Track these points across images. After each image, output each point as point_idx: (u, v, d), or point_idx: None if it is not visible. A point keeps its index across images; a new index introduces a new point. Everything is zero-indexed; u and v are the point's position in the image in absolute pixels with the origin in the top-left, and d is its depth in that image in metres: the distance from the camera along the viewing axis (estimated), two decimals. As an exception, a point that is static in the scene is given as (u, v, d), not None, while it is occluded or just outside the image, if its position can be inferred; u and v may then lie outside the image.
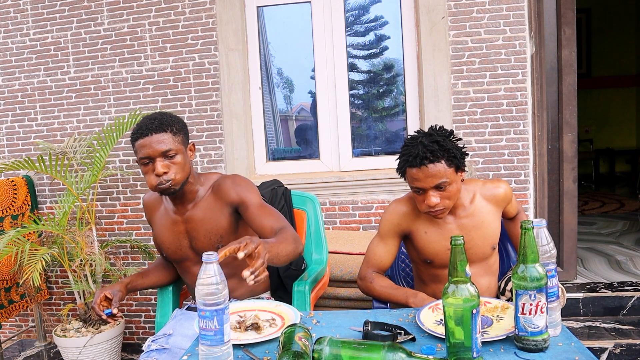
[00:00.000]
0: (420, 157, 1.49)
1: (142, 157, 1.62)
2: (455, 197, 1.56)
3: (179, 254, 1.76)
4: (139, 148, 1.62)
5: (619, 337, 2.55)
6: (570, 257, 2.98)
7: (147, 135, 1.61)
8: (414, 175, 1.52)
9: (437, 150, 1.49)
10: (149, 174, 1.63)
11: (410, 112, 2.91)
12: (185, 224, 1.74)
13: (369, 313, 1.46)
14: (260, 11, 3.03)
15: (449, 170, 1.50)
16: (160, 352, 1.65)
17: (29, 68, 3.11)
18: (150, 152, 1.60)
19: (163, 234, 1.77)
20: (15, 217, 2.92)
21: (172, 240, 1.76)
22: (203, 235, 1.71)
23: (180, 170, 1.63)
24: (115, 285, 1.71)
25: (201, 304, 1.11)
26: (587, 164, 6.60)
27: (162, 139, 1.61)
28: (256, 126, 3.02)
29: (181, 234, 1.75)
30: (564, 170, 2.94)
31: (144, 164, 1.63)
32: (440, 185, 1.50)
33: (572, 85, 2.89)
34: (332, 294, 2.52)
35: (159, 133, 1.61)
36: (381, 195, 2.86)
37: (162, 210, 1.79)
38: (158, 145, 1.60)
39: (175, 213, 1.75)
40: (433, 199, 1.52)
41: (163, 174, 1.60)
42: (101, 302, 1.65)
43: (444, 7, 2.71)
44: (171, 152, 1.62)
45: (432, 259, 1.64)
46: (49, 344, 3.11)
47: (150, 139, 1.60)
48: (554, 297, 1.23)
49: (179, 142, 1.65)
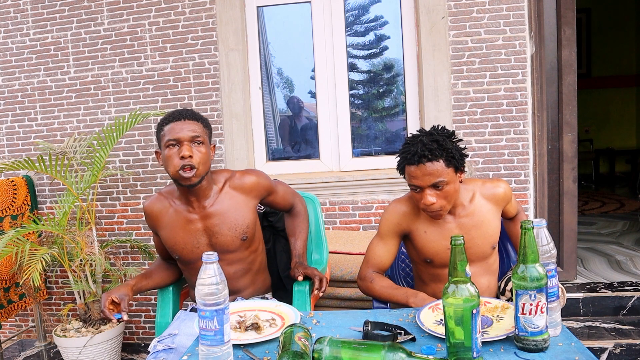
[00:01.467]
0: (418, 155, 1.50)
1: (170, 139, 1.63)
2: (452, 198, 1.55)
3: (196, 253, 1.74)
4: (168, 131, 1.64)
5: (619, 337, 2.55)
6: (570, 257, 2.98)
7: (179, 120, 1.64)
8: (411, 173, 1.53)
9: (436, 149, 1.49)
10: (172, 158, 1.63)
11: (410, 112, 2.91)
12: (203, 221, 1.73)
13: (369, 313, 1.46)
14: (260, 11, 3.03)
15: (447, 170, 1.51)
16: (168, 352, 1.65)
17: (29, 68, 3.11)
18: (180, 135, 1.62)
19: (177, 234, 1.75)
20: (15, 217, 2.92)
21: (187, 240, 1.74)
22: (227, 229, 1.72)
23: (204, 161, 1.65)
24: (122, 288, 1.70)
25: (201, 304, 1.11)
26: (587, 164, 6.60)
27: (193, 126, 1.65)
28: (256, 126, 3.02)
29: (198, 232, 1.73)
30: (564, 170, 2.94)
31: (169, 145, 1.64)
32: (437, 184, 1.51)
33: (572, 85, 2.89)
34: (332, 294, 2.52)
35: (191, 120, 1.66)
36: (381, 195, 2.86)
37: (172, 212, 1.76)
38: (189, 130, 1.64)
39: (190, 212, 1.73)
40: (429, 198, 1.52)
41: (189, 157, 1.61)
42: (109, 305, 1.64)
43: (444, 7, 2.71)
44: (200, 139, 1.65)
45: (432, 259, 1.65)
46: (49, 344, 3.11)
47: (183, 124, 1.64)
48: (554, 297, 1.23)
49: (206, 135, 1.70)
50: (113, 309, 1.65)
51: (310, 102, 3.14)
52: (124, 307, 1.64)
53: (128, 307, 1.66)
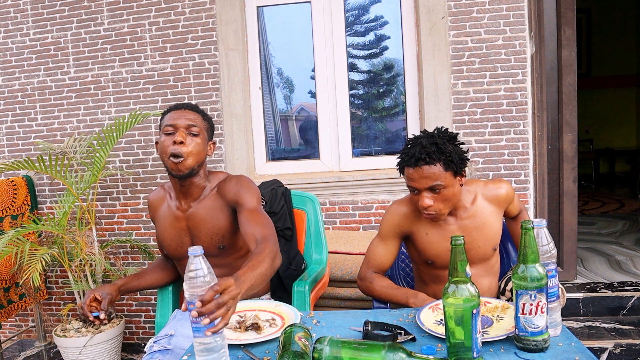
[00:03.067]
0: (415, 158, 1.50)
1: (168, 124, 1.64)
2: (451, 202, 1.55)
3: (180, 252, 1.74)
4: (168, 118, 1.66)
5: (619, 337, 2.55)
6: (570, 257, 2.98)
7: (180, 109, 1.68)
8: (409, 175, 1.53)
9: (434, 152, 1.49)
10: (166, 142, 1.64)
11: (410, 112, 2.91)
12: (187, 220, 1.72)
13: (369, 313, 1.46)
14: (260, 11, 3.03)
15: (445, 174, 1.50)
16: (164, 353, 1.65)
17: (29, 68, 3.11)
18: (177, 122, 1.64)
19: (165, 230, 1.76)
20: (15, 217, 2.92)
21: (173, 237, 1.74)
22: (204, 234, 1.69)
23: (195, 153, 1.64)
24: (107, 287, 1.66)
25: (190, 296, 1.11)
26: (587, 164, 6.60)
27: (192, 116, 1.67)
28: (256, 126, 3.02)
29: (183, 231, 1.73)
30: (564, 170, 2.94)
31: (166, 133, 1.65)
32: (434, 187, 1.50)
33: (572, 85, 2.89)
34: (332, 294, 2.52)
35: (191, 111, 1.69)
36: (381, 195, 2.86)
37: (165, 207, 1.78)
38: (186, 119, 1.65)
39: (178, 209, 1.73)
40: (426, 201, 1.52)
41: (180, 143, 1.61)
42: (90, 302, 1.59)
43: (444, 7, 2.71)
44: (195, 129, 1.65)
45: (434, 260, 1.64)
46: (49, 344, 3.11)
47: (182, 112, 1.67)
48: (554, 297, 1.23)
49: (204, 129, 1.70)
50: (96, 306, 1.60)
51: (310, 102, 3.14)
52: (103, 306, 1.59)
53: (108, 306, 1.61)
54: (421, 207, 1.55)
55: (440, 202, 1.53)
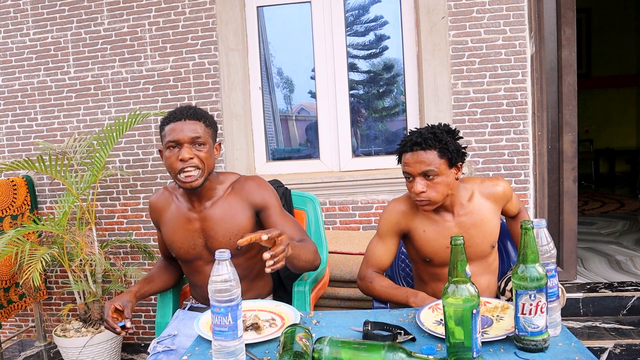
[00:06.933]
0: (412, 142, 1.54)
1: (170, 140, 1.58)
2: (443, 192, 1.55)
3: (192, 254, 1.71)
4: (169, 132, 1.59)
5: (619, 337, 2.55)
6: (570, 257, 2.98)
7: (180, 120, 1.59)
8: (405, 161, 1.57)
9: (431, 138, 1.53)
10: (172, 160, 1.58)
11: (410, 112, 2.91)
12: (201, 222, 1.68)
13: (369, 313, 1.46)
14: (260, 11, 3.03)
15: (440, 161, 1.52)
16: (168, 353, 1.64)
17: (29, 68, 3.11)
18: (180, 136, 1.57)
19: (175, 232, 1.72)
20: (15, 217, 2.92)
21: (185, 239, 1.70)
22: (222, 234, 1.66)
23: (205, 165, 1.60)
24: (124, 295, 1.65)
25: (215, 300, 1.12)
26: (587, 164, 6.60)
27: (194, 127, 1.59)
28: (256, 126, 3.02)
29: (196, 233, 1.69)
30: (564, 170, 2.94)
31: (169, 147, 1.59)
32: (427, 172, 1.52)
33: (572, 85, 2.89)
34: (332, 294, 2.52)
35: (192, 120, 1.60)
36: (381, 195, 2.86)
37: (174, 208, 1.73)
38: (189, 131, 1.58)
39: (191, 211, 1.69)
40: (418, 186, 1.54)
41: (188, 159, 1.56)
42: (112, 314, 1.60)
43: (444, 7, 2.71)
44: (200, 140, 1.59)
45: (431, 258, 1.65)
46: (49, 344, 3.11)
47: (183, 124, 1.58)
48: (554, 297, 1.23)
49: (209, 135, 1.63)
50: (117, 317, 1.61)
51: (310, 102, 3.14)
52: (127, 314, 1.60)
53: (131, 314, 1.62)
54: (413, 194, 1.56)
55: (433, 190, 1.54)
